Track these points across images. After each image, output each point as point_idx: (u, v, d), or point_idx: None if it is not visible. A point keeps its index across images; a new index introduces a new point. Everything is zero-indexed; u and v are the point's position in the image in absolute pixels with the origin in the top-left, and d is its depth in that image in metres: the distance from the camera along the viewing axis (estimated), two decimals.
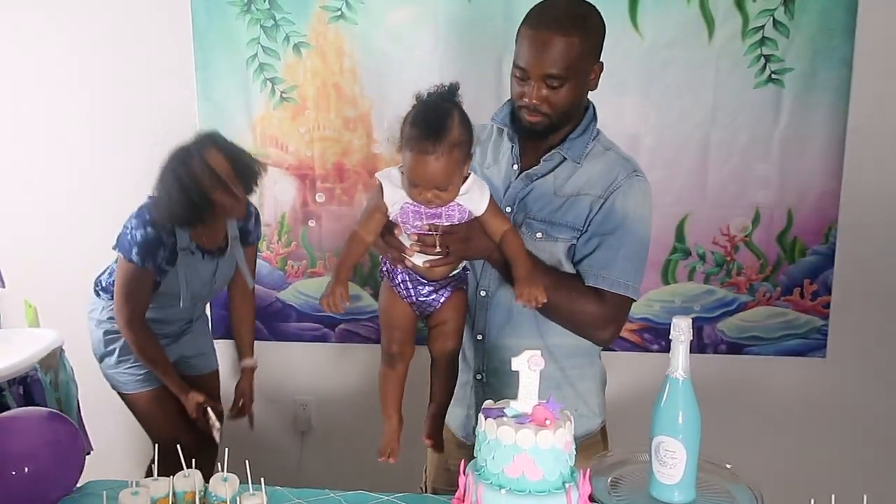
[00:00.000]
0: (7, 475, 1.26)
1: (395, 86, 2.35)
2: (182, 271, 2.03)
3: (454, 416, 1.52)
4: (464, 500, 1.02)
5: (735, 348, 2.43)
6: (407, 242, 1.26)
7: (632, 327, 2.45)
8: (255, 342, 2.55)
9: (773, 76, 2.25)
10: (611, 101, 2.30)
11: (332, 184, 2.48)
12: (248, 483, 1.22)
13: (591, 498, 1.06)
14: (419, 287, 1.31)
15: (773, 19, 2.22)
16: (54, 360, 2.25)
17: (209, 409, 2.12)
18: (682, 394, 1.13)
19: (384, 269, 1.35)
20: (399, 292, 1.32)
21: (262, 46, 2.41)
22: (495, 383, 1.46)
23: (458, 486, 1.04)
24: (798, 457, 2.44)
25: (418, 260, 1.27)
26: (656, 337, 2.45)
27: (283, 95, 2.44)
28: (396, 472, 1.46)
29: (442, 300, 1.31)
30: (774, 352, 2.42)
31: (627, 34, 2.26)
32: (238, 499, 1.19)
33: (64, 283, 2.50)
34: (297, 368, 2.62)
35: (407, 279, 1.31)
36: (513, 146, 1.45)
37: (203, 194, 1.92)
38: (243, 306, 2.31)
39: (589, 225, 1.38)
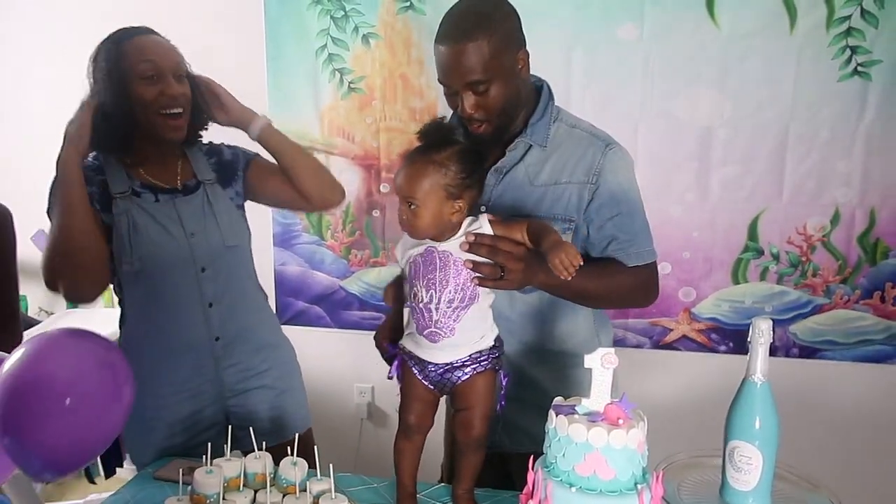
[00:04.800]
0: (59, 403, 1.17)
1: None
2: (123, 220, 1.45)
3: None
4: (532, 496, 1.01)
5: (808, 352, 2.34)
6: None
7: (699, 327, 2.38)
8: (318, 329, 2.61)
9: (860, 69, 2.14)
10: (684, 92, 2.26)
11: None
12: (316, 469, 1.24)
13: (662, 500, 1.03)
14: (428, 367, 1.19)
15: (861, 9, 2.10)
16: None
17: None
18: (761, 398, 1.09)
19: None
20: (413, 369, 1.21)
21: (331, 37, 2.44)
22: None
23: None
24: (873, 468, 2.34)
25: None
26: (724, 338, 2.38)
27: (351, 86, 2.46)
28: None
29: (464, 378, 1.18)
30: (850, 357, 2.32)
31: (704, 25, 2.19)
32: (307, 484, 1.21)
33: None
34: (358, 357, 2.65)
35: (417, 361, 1.20)
36: None
37: (118, 87, 1.42)
38: None
39: (589, 213, 1.36)
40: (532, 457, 1.05)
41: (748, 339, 1.10)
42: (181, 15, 2.52)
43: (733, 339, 2.36)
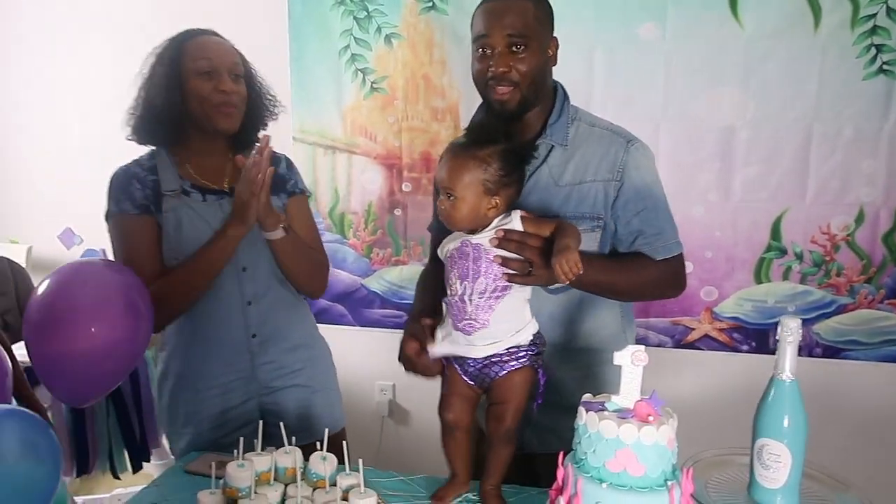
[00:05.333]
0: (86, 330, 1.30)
1: None
2: (171, 217, 1.49)
3: None
4: (561, 493, 1.02)
5: (831, 352, 2.32)
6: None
7: (721, 326, 2.38)
8: (339, 326, 2.62)
9: (885, 67, 2.13)
10: (706, 92, 2.25)
11: (419, 174, 2.51)
12: (345, 464, 1.26)
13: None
14: (468, 361, 1.21)
15: (887, 7, 2.09)
16: (156, 337, 2.37)
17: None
18: (789, 396, 1.09)
19: None
20: (453, 364, 1.24)
21: (354, 37, 2.46)
22: None
23: None
24: None
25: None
26: (746, 337, 2.37)
27: (374, 86, 2.48)
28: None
29: (502, 374, 1.19)
30: (875, 357, 2.30)
31: (727, 24, 2.19)
32: (337, 478, 1.23)
33: None
34: (379, 354, 2.66)
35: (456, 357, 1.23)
36: None
37: (174, 84, 1.47)
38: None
39: (615, 210, 1.37)
40: (563, 453, 1.06)
41: (776, 337, 1.10)
42: (205, 16, 2.55)
43: (756, 338, 2.35)
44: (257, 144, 1.43)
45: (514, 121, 1.37)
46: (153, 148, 1.56)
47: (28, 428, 1.13)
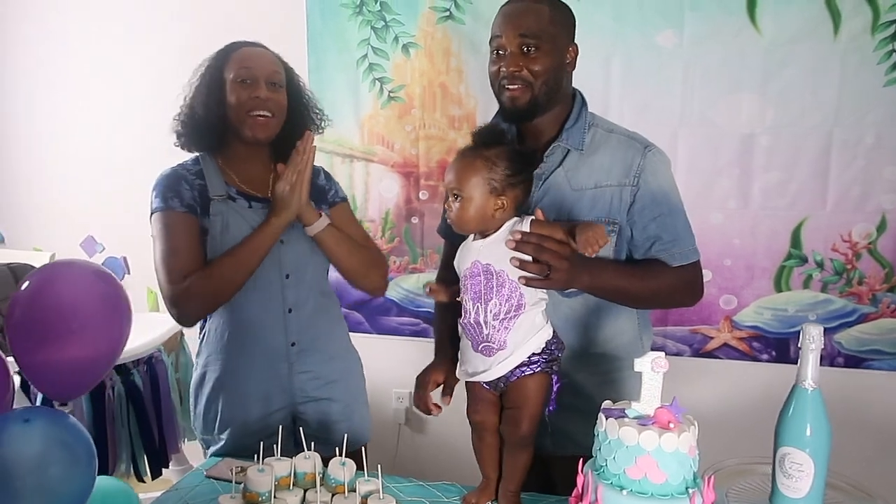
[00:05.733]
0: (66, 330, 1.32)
1: None
2: (218, 221, 1.51)
3: None
4: (581, 499, 1.02)
5: (853, 362, 2.29)
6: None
7: (740, 335, 2.36)
8: (357, 334, 2.62)
9: None
10: (725, 99, 2.24)
11: (436, 182, 2.52)
12: (363, 470, 1.26)
13: None
14: None
15: None
16: (175, 342, 2.40)
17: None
18: (812, 405, 1.08)
19: None
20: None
21: (372, 47, 2.48)
22: None
23: None
24: None
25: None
26: (766, 346, 2.35)
27: (391, 94, 2.50)
28: None
29: (513, 378, 1.19)
30: None
31: (745, 30, 2.18)
32: (356, 484, 1.23)
33: None
34: (395, 362, 2.66)
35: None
36: None
37: (214, 93, 1.52)
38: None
39: (632, 215, 1.37)
40: (582, 460, 1.05)
41: (798, 345, 1.09)
42: (225, 28, 2.58)
43: (776, 347, 2.33)
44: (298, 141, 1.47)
45: (524, 121, 1.38)
46: (197, 154, 1.59)
47: (61, 428, 1.15)
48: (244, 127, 1.50)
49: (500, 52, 1.35)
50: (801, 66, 2.17)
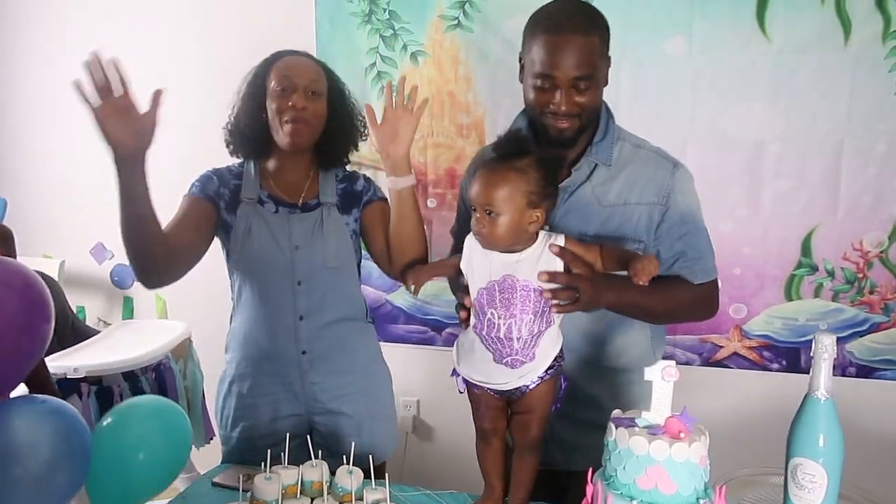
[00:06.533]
0: None
1: (509, 93, 2.34)
2: (243, 223, 1.55)
3: None
4: None
5: (865, 372, 2.27)
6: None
7: (750, 344, 2.34)
8: None
9: None
10: (734, 107, 2.23)
11: (444, 189, 2.51)
12: (370, 478, 1.25)
13: None
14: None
15: None
16: (184, 349, 2.40)
17: None
18: (825, 415, 1.06)
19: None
20: (475, 385, 1.22)
21: (380, 55, 2.48)
22: None
23: None
24: None
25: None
26: (776, 355, 2.33)
27: None
28: None
29: (530, 387, 1.18)
30: None
31: (755, 38, 2.17)
32: (363, 492, 1.22)
33: (190, 279, 2.65)
34: (403, 370, 2.63)
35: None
36: None
37: (256, 101, 1.55)
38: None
39: (660, 234, 1.36)
40: (591, 469, 1.04)
41: (811, 354, 1.08)
42: (234, 37, 2.60)
43: (787, 356, 2.31)
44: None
45: (568, 148, 1.35)
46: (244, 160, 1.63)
47: (58, 418, 1.15)
48: (279, 134, 1.53)
49: (547, 85, 1.28)
50: (811, 74, 2.16)
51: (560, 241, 1.18)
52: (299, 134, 1.52)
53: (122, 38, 2.78)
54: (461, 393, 1.26)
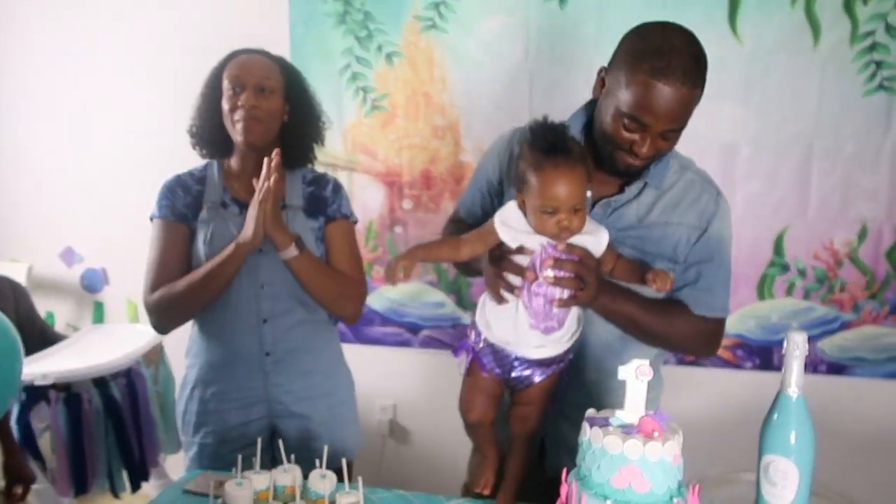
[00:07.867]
0: None
1: (485, 95, 2.37)
2: (206, 227, 1.54)
3: None
4: None
5: (836, 369, 2.30)
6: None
7: (724, 343, 2.35)
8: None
9: (885, 83, 2.13)
10: (706, 108, 2.24)
11: (419, 191, 2.51)
12: (344, 482, 1.24)
13: None
14: (514, 362, 1.22)
15: (886, 24, 2.10)
16: (156, 355, 2.37)
17: None
18: (796, 412, 1.07)
19: (470, 343, 1.26)
20: (486, 367, 1.24)
21: (355, 56, 2.47)
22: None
23: None
24: None
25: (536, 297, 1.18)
26: (749, 354, 2.35)
27: (374, 104, 2.49)
28: None
29: (537, 379, 1.22)
30: (880, 374, 2.28)
31: (726, 40, 2.19)
32: (336, 496, 1.21)
33: None
34: (379, 372, 2.65)
35: (496, 359, 1.23)
36: None
37: (212, 101, 1.55)
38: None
39: (688, 255, 1.35)
40: (566, 469, 1.04)
41: (783, 352, 1.09)
42: (207, 37, 2.56)
43: (760, 355, 2.33)
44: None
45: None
46: (209, 161, 1.63)
47: None
48: (233, 133, 1.52)
49: (634, 128, 1.21)
50: (781, 76, 2.19)
51: (605, 236, 1.22)
52: (251, 131, 1.50)
53: (89, 40, 2.74)
54: (462, 375, 1.27)
